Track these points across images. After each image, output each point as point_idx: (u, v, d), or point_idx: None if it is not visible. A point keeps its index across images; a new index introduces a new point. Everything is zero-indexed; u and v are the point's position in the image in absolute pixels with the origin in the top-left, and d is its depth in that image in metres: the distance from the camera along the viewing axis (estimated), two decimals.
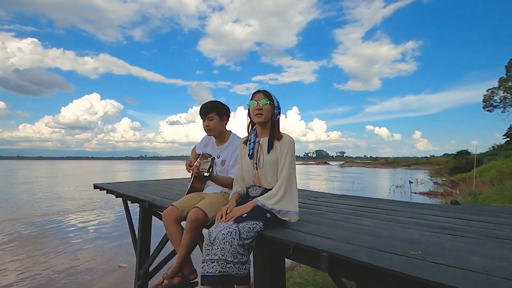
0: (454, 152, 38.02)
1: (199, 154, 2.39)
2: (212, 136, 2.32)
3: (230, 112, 2.29)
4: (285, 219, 1.69)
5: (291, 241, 1.42)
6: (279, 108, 1.84)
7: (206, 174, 1.91)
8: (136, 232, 3.83)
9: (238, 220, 1.57)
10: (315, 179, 34.14)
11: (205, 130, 2.24)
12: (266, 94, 1.80)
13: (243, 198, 1.90)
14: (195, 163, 1.98)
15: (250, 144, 1.85)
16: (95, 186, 4.72)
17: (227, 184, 2.12)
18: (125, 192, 3.64)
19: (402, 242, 1.35)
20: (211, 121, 2.18)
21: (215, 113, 2.18)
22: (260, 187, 1.84)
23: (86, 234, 8.98)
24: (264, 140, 1.82)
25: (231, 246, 1.45)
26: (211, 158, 1.93)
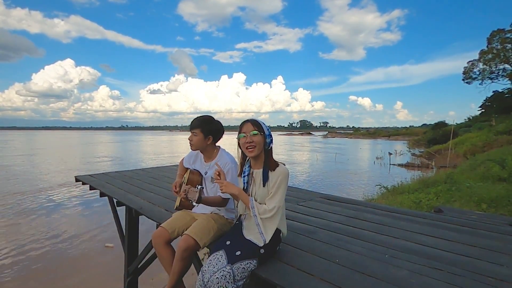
0: (432, 123, 39.37)
1: (187, 169, 2.32)
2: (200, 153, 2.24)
3: (222, 132, 2.19)
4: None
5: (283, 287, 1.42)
6: (271, 136, 1.74)
7: (194, 204, 1.86)
8: (124, 230, 3.79)
9: (232, 260, 1.54)
10: (300, 150, 34.91)
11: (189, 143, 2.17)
12: (255, 123, 1.69)
13: (236, 225, 1.87)
14: (183, 189, 1.91)
15: (244, 177, 1.77)
16: (77, 179, 4.56)
17: (218, 204, 2.07)
18: (109, 193, 3.54)
19: (393, 286, 1.39)
20: (195, 136, 2.11)
21: (199, 130, 2.11)
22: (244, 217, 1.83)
23: (71, 210, 9.02)
24: (257, 172, 1.75)
25: None
26: (199, 188, 1.86)
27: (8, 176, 14.94)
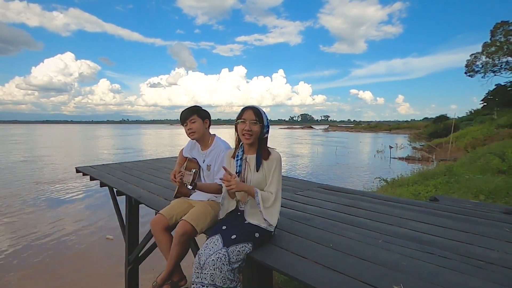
0: (433, 116, 39.32)
1: (186, 158, 2.35)
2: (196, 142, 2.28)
3: (210, 117, 2.26)
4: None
5: (280, 269, 1.46)
6: (268, 127, 1.80)
7: (189, 187, 1.90)
8: (124, 219, 3.84)
9: (227, 243, 1.58)
10: (301, 143, 34.99)
11: (188, 135, 2.21)
12: (256, 112, 1.73)
13: (232, 211, 1.90)
14: (179, 173, 1.96)
15: (237, 161, 1.81)
16: (78, 170, 4.61)
17: (214, 190, 2.11)
18: (109, 183, 3.57)
19: (384, 269, 1.42)
20: (194, 123, 2.16)
21: (196, 115, 2.17)
22: (247, 202, 1.86)
23: (71, 204, 9.14)
24: (251, 158, 1.80)
25: (221, 272, 1.48)
26: (193, 171, 1.90)
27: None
